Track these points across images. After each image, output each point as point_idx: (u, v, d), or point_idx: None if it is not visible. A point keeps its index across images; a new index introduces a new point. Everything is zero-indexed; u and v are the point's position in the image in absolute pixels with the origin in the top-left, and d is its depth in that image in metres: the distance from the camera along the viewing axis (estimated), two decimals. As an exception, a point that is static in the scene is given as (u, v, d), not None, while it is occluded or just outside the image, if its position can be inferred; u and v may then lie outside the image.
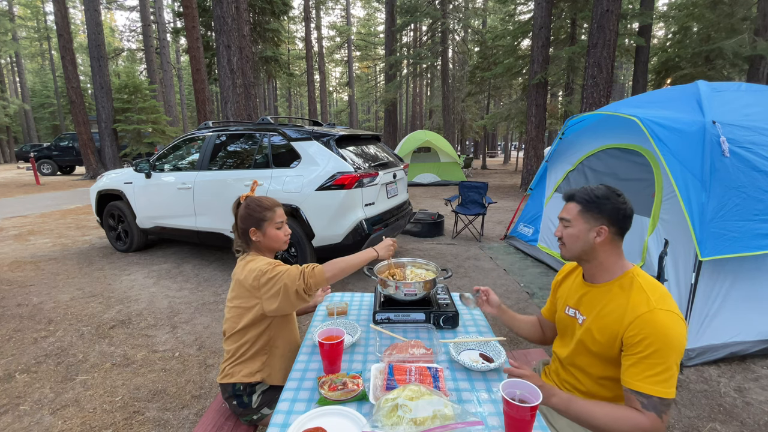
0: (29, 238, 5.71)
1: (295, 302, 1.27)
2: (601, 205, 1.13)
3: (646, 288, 1.08)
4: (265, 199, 1.47)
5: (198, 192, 4.07)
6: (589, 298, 1.21)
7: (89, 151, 13.29)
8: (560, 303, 1.34)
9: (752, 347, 2.42)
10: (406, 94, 34.71)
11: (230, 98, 7.83)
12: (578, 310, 1.24)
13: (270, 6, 13.88)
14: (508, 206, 8.26)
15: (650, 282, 1.11)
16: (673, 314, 1.01)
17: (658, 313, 1.01)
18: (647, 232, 2.85)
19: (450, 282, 3.74)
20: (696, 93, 2.83)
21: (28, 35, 32.02)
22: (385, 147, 4.50)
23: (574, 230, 1.17)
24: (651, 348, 0.99)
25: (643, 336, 1.00)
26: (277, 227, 1.44)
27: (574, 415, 1.03)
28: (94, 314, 3.19)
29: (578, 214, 1.17)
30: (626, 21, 10.14)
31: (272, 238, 1.43)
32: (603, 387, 1.18)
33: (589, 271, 1.22)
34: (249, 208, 1.43)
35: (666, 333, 0.99)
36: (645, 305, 1.04)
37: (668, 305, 1.03)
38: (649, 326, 1.00)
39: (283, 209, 1.52)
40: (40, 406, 2.09)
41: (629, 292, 1.10)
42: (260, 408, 1.37)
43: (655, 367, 0.98)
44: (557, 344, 1.36)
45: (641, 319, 1.02)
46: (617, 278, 1.15)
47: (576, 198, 1.18)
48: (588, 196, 1.16)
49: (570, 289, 1.32)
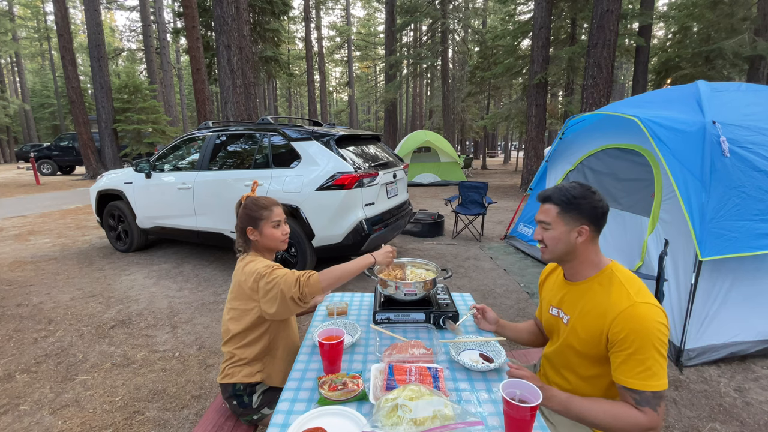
0: (29, 238, 5.71)
1: (292, 308, 1.27)
2: (580, 205, 1.13)
3: (625, 283, 1.09)
4: (263, 198, 1.47)
5: (198, 192, 4.07)
6: (571, 297, 1.22)
7: (89, 151, 13.29)
8: (545, 303, 1.35)
9: (752, 347, 2.42)
10: (406, 94, 34.72)
11: (230, 98, 7.83)
12: (561, 309, 1.25)
13: (270, 6, 13.88)
14: (508, 206, 8.26)
15: (628, 276, 1.12)
16: (652, 306, 1.03)
17: (639, 306, 1.03)
18: (647, 232, 2.85)
19: (450, 282, 3.74)
20: (696, 93, 2.83)
21: (28, 35, 32.01)
22: (385, 147, 4.50)
23: (555, 233, 1.16)
24: (636, 344, 1.00)
25: (627, 332, 1.02)
26: (273, 226, 1.44)
27: (573, 415, 1.04)
28: (94, 314, 3.19)
29: (557, 216, 1.15)
30: (626, 21, 10.14)
31: (269, 237, 1.43)
32: (591, 385, 1.18)
33: (569, 270, 1.23)
34: (247, 208, 1.44)
35: (647, 326, 1.00)
36: (626, 300, 1.05)
37: (647, 298, 1.05)
38: (632, 321, 1.02)
39: (283, 209, 1.51)
40: (40, 406, 2.09)
41: (609, 288, 1.11)
42: (260, 408, 1.36)
43: (643, 362, 0.99)
44: (546, 345, 1.36)
45: (623, 314, 1.03)
46: (596, 275, 1.16)
47: (553, 199, 1.17)
48: (565, 196, 1.15)
49: (552, 289, 1.33)
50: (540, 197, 1.21)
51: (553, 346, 1.28)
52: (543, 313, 1.36)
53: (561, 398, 1.04)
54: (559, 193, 1.16)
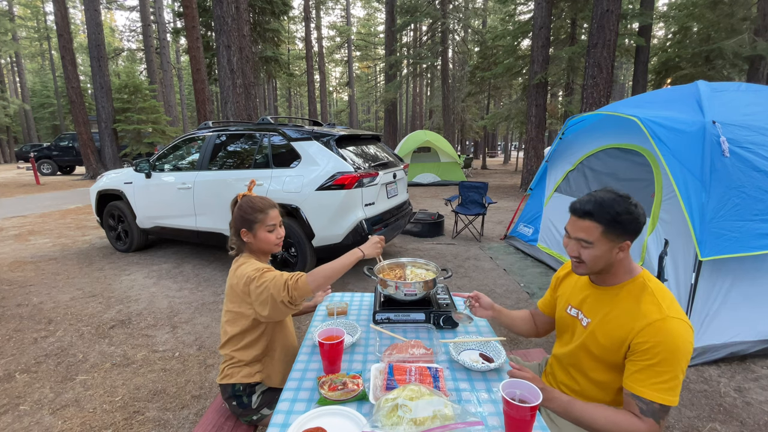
0: (29, 238, 5.71)
1: (284, 311, 1.25)
2: (625, 222, 1.05)
3: (657, 294, 1.06)
4: (259, 200, 1.43)
5: (198, 192, 4.07)
6: (594, 300, 1.18)
7: (89, 151, 13.29)
8: (561, 301, 1.33)
9: (752, 347, 2.42)
10: (406, 94, 34.71)
11: (230, 98, 7.83)
12: (581, 310, 1.21)
13: (270, 6, 13.89)
14: (508, 206, 8.26)
15: (660, 288, 1.09)
16: (683, 322, 1.00)
17: (670, 321, 0.99)
18: (647, 231, 2.85)
19: (450, 282, 3.74)
20: (696, 93, 2.82)
21: (28, 35, 32.03)
22: (385, 147, 4.50)
23: (597, 252, 1.08)
24: (660, 356, 0.98)
25: (653, 343, 0.99)
26: (268, 230, 1.41)
27: (573, 417, 1.03)
28: (94, 314, 3.19)
29: (601, 236, 1.07)
30: (626, 21, 10.14)
31: (263, 241, 1.40)
32: (601, 390, 1.17)
33: (599, 275, 1.18)
34: (241, 209, 1.40)
35: (676, 342, 0.97)
36: (657, 312, 1.01)
37: (679, 313, 1.02)
38: (661, 334, 0.99)
39: (281, 209, 1.48)
40: (40, 406, 2.08)
41: (640, 298, 1.07)
42: (260, 408, 1.36)
43: (662, 374, 0.97)
44: (555, 344, 1.35)
45: (653, 326, 1.00)
46: (626, 282, 1.12)
47: (596, 217, 1.06)
48: (609, 214, 1.05)
49: (573, 288, 1.29)
50: (579, 212, 1.10)
51: (566, 348, 1.25)
52: (558, 311, 1.33)
53: (562, 400, 1.03)
54: (601, 210, 1.06)
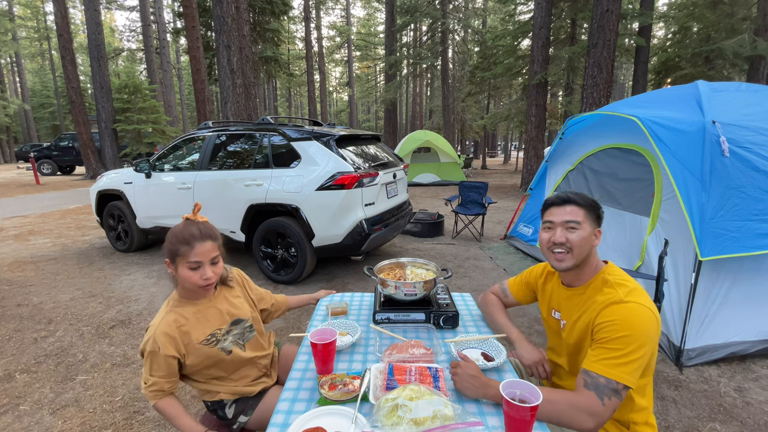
0: (29, 238, 5.71)
1: None
2: (597, 209, 1.17)
3: (615, 284, 1.10)
4: (190, 229, 1.19)
5: (198, 192, 4.07)
6: (568, 303, 1.24)
7: (89, 151, 13.29)
8: (546, 304, 1.36)
9: (752, 347, 2.42)
10: (406, 94, 34.70)
11: (230, 98, 7.83)
12: (560, 312, 1.27)
13: (270, 6, 13.89)
14: (508, 206, 8.26)
15: (621, 278, 1.13)
16: (643, 307, 1.02)
17: (628, 304, 1.03)
18: (647, 231, 2.85)
19: (450, 282, 3.74)
20: (696, 93, 2.83)
21: (28, 35, 32.02)
22: (385, 147, 4.50)
23: (584, 233, 1.13)
24: (615, 334, 1.00)
25: (609, 322, 1.02)
26: (190, 267, 1.16)
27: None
28: (94, 314, 3.19)
29: (585, 217, 1.14)
30: (626, 21, 10.15)
31: (183, 279, 1.18)
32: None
33: (572, 275, 1.22)
34: (168, 236, 1.20)
35: (630, 321, 0.99)
36: (615, 297, 1.06)
37: (638, 298, 1.04)
38: (616, 314, 1.02)
39: (221, 241, 1.25)
40: (40, 406, 2.09)
41: (601, 289, 1.13)
42: (236, 417, 1.33)
43: (613, 351, 0.98)
44: (550, 352, 1.38)
45: (609, 308, 1.04)
46: (591, 280, 1.18)
47: (577, 201, 1.16)
48: (585, 200, 1.16)
49: (553, 291, 1.34)
50: (559, 200, 1.18)
51: (554, 352, 1.34)
52: (544, 313, 1.38)
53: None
54: (577, 197, 1.17)
